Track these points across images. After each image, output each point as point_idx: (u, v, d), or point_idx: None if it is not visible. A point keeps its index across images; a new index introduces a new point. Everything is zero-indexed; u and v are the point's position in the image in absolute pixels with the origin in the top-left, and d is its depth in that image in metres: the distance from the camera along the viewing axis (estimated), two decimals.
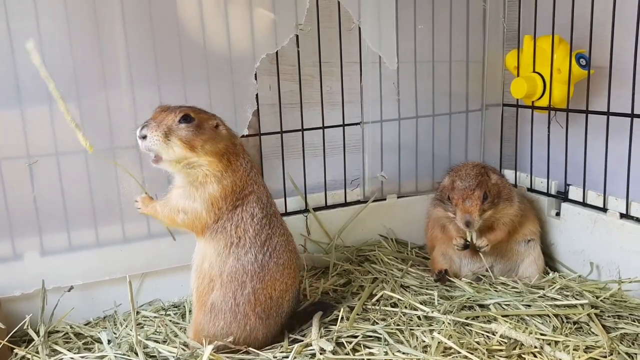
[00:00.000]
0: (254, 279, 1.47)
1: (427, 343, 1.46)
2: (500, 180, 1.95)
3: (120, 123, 1.79)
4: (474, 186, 1.85)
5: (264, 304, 1.49)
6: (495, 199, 1.88)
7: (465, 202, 1.83)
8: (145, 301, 1.89)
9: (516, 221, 1.95)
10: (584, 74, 1.98)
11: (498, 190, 1.90)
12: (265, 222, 1.51)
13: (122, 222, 1.84)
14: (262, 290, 1.48)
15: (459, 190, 1.86)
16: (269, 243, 1.51)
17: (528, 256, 2.00)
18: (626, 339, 1.47)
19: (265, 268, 1.48)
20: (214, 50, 1.87)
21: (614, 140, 1.89)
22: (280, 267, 1.51)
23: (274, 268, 1.50)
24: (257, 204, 1.51)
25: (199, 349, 1.45)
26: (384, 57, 2.13)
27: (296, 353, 1.42)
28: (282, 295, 1.52)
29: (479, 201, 1.83)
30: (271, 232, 1.52)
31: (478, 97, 2.38)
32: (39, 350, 1.54)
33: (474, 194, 1.83)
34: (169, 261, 1.89)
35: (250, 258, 1.48)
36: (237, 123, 1.93)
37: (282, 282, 1.52)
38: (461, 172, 1.91)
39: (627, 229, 1.81)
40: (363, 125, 2.21)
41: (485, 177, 1.88)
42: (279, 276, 1.51)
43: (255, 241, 1.49)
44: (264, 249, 1.49)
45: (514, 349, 1.43)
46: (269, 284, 1.49)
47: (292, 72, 2.08)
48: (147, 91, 1.81)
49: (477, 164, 1.98)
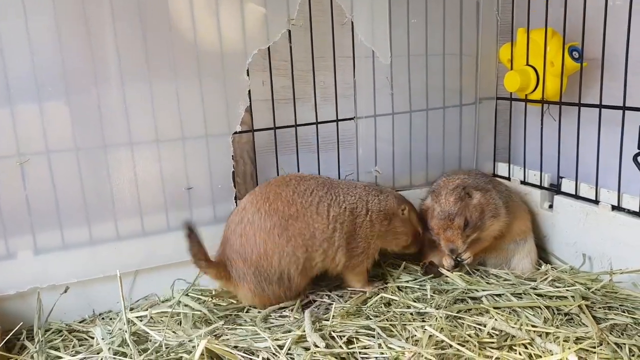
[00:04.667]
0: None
1: (418, 337, 1.47)
2: (484, 198, 1.84)
3: (111, 120, 1.79)
4: (453, 215, 1.76)
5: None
6: (479, 222, 1.79)
7: (446, 232, 1.78)
8: (141, 296, 1.89)
9: (504, 229, 1.91)
10: (576, 67, 1.98)
11: (481, 210, 1.81)
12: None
13: (115, 219, 1.85)
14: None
15: (439, 220, 1.79)
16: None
17: (519, 252, 1.99)
18: (616, 329, 1.48)
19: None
20: (205, 46, 1.87)
21: (606, 133, 1.89)
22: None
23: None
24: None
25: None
26: (377, 52, 2.13)
27: (292, 343, 1.42)
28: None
29: (460, 230, 1.77)
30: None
31: (472, 91, 2.37)
32: (33, 354, 1.54)
33: (454, 224, 1.76)
34: (163, 258, 1.89)
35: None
36: (229, 119, 1.93)
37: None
38: (441, 197, 1.82)
39: (619, 221, 1.82)
40: (357, 120, 2.20)
41: (464, 202, 1.78)
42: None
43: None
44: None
45: (505, 341, 1.44)
46: None
47: (285, 67, 2.07)
48: (137, 88, 1.81)
49: (457, 185, 1.85)
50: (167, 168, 1.89)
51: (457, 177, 1.93)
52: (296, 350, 1.41)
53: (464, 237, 1.78)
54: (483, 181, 1.97)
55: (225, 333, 1.56)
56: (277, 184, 1.78)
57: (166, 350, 1.44)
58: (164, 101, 1.85)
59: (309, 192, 1.75)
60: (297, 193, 1.74)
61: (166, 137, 1.87)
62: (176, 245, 1.88)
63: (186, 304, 1.75)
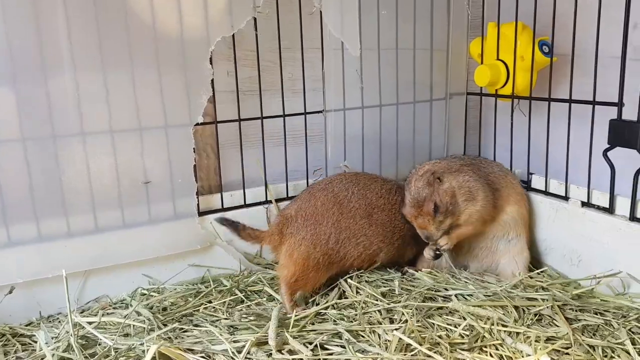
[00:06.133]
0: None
1: (387, 338, 1.41)
2: (455, 181, 1.77)
3: (61, 109, 1.67)
4: (421, 201, 1.72)
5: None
6: (450, 206, 1.73)
7: (417, 219, 1.74)
8: (91, 298, 1.77)
9: (485, 214, 1.82)
10: (546, 61, 1.95)
11: (452, 194, 1.74)
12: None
13: (66, 215, 1.72)
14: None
15: (409, 208, 1.75)
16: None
17: (508, 253, 1.89)
18: (587, 330, 1.44)
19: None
20: (165, 32, 1.76)
21: (576, 130, 1.87)
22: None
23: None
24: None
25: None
26: (346, 43, 2.06)
27: (251, 346, 1.34)
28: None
29: (430, 216, 1.72)
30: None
31: (442, 86, 2.34)
32: None
33: (423, 210, 1.72)
34: (117, 257, 1.78)
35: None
36: (191, 110, 1.83)
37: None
38: (410, 184, 1.78)
39: (589, 217, 1.80)
40: (325, 114, 2.13)
41: (433, 187, 1.73)
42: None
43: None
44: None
45: (476, 342, 1.39)
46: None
47: (251, 57, 1.99)
48: (90, 76, 1.69)
49: (427, 170, 1.81)
50: (123, 160, 1.77)
51: (429, 162, 1.90)
52: (257, 354, 1.32)
53: (437, 224, 1.73)
54: (459, 164, 1.87)
55: (180, 336, 1.46)
56: (366, 176, 1.92)
57: (115, 355, 1.33)
58: (119, 89, 1.73)
59: (394, 192, 1.87)
60: (385, 189, 1.86)
61: (121, 128, 1.76)
62: (132, 243, 1.78)
63: (138, 311, 1.62)
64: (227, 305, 1.67)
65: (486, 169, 1.93)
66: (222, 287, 1.81)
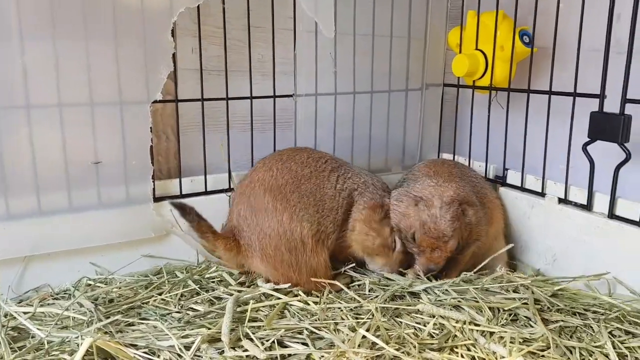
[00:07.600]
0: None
1: (351, 336, 1.30)
2: (475, 217, 1.61)
3: (6, 81, 1.50)
4: (448, 236, 1.51)
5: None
6: (464, 243, 1.58)
7: (433, 252, 1.54)
8: (31, 287, 1.61)
9: (481, 246, 1.72)
10: (527, 52, 1.89)
11: (470, 231, 1.59)
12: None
13: (5, 195, 1.56)
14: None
15: (430, 239, 1.52)
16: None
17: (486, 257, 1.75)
18: (565, 331, 1.36)
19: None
20: (123, 0, 1.62)
21: (555, 125, 1.81)
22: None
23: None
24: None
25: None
26: (320, 24, 1.95)
27: (201, 342, 1.21)
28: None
29: (450, 253, 1.54)
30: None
31: (419, 76, 2.26)
32: None
33: (447, 246, 1.52)
34: (61, 243, 1.62)
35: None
36: (149, 86, 1.69)
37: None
38: (434, 209, 1.53)
39: (565, 214, 1.74)
40: (296, 98, 2.02)
41: (460, 221, 1.53)
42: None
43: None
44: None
45: (447, 341, 1.29)
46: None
47: (219, 35, 1.87)
48: (39, 46, 1.53)
49: (453, 198, 1.56)
50: (71, 137, 1.62)
51: (449, 184, 1.65)
52: (207, 350, 1.20)
53: (447, 259, 1.57)
54: (470, 188, 1.71)
55: (124, 329, 1.32)
56: (291, 149, 1.82)
57: (47, 349, 1.18)
58: (70, 60, 1.58)
59: (323, 160, 1.77)
60: (312, 158, 1.76)
61: (71, 101, 1.60)
62: (78, 228, 1.63)
63: (80, 302, 1.47)
64: (178, 298, 1.53)
65: (477, 185, 1.81)
66: (175, 278, 1.67)
